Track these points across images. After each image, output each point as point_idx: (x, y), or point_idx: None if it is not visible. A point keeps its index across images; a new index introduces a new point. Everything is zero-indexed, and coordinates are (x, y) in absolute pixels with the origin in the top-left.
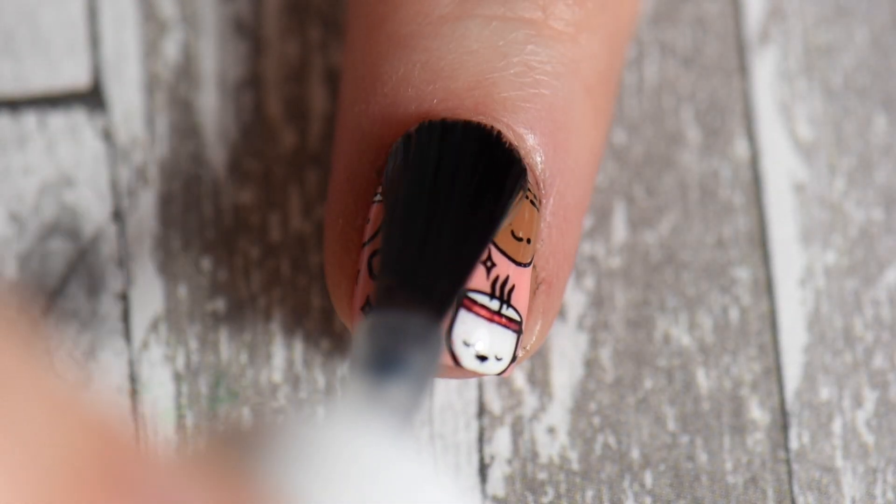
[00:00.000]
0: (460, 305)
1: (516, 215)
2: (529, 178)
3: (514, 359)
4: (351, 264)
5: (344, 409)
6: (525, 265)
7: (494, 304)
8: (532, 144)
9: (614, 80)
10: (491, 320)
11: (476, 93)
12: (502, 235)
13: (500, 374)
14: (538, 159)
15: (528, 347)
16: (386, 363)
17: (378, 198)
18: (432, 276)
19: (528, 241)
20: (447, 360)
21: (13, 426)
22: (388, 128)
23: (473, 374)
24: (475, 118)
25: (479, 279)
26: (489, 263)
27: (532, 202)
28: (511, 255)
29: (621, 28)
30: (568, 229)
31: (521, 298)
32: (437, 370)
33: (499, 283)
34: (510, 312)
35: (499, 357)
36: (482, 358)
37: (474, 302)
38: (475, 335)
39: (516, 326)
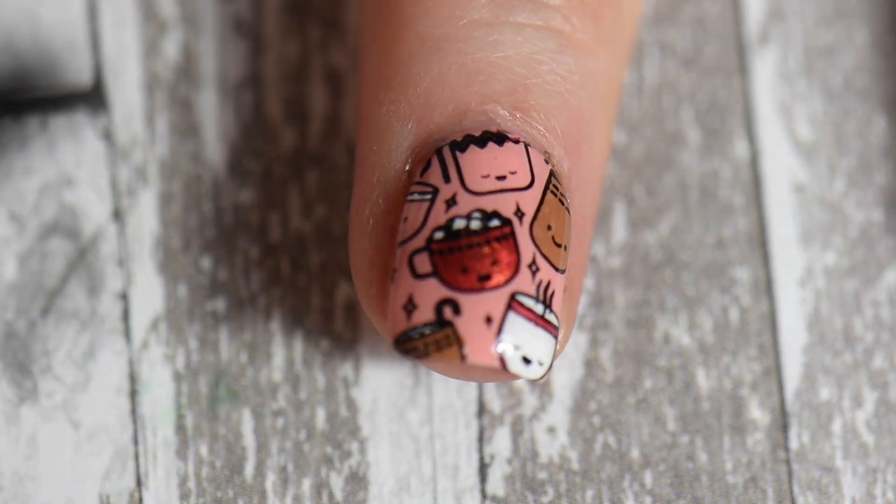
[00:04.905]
0: (509, 308)
1: (556, 222)
2: (560, 186)
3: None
4: (383, 264)
5: None
6: (561, 271)
7: (539, 308)
8: (562, 153)
9: (619, 95)
10: (537, 324)
11: (512, 98)
12: (545, 241)
13: (538, 379)
14: (566, 167)
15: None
16: None
17: (415, 196)
18: None
19: (565, 247)
20: (493, 362)
21: None
22: (422, 128)
23: (514, 376)
24: (511, 123)
25: (526, 282)
26: (534, 267)
27: (567, 209)
28: (552, 261)
29: (629, 44)
30: (584, 239)
31: (558, 304)
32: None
33: (542, 287)
34: (551, 317)
35: (541, 362)
36: (527, 361)
37: (521, 305)
38: (523, 338)
39: (555, 332)
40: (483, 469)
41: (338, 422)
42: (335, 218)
